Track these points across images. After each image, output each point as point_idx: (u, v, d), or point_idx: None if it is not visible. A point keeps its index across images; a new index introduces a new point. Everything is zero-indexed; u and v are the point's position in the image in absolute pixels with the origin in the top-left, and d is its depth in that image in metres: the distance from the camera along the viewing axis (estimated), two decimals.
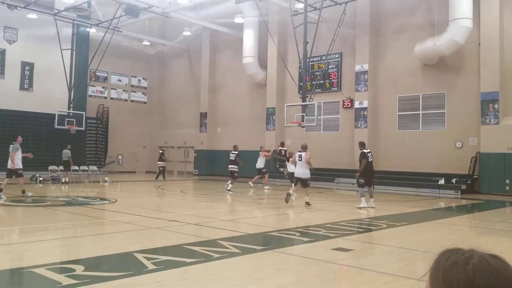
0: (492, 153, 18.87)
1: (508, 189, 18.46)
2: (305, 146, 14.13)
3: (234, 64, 29.43)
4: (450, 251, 1.16)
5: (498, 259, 1.11)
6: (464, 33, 19.12)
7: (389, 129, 22.54)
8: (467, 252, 1.13)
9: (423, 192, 18.98)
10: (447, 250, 1.17)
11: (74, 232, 9.10)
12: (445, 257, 1.14)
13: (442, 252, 1.17)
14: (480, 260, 1.10)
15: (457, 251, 1.14)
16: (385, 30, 23.06)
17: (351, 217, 11.49)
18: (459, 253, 1.14)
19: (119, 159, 33.27)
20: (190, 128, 32.18)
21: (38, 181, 21.44)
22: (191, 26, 30.12)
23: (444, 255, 1.16)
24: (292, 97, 25.34)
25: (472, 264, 1.09)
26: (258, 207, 14.56)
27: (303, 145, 14.22)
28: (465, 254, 1.13)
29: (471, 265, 1.09)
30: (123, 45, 32.48)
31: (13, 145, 14.56)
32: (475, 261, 1.09)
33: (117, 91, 33.60)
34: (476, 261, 1.09)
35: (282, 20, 26.33)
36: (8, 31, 27.49)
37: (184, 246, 7.20)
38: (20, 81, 28.07)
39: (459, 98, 20.40)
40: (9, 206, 12.73)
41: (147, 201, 15.95)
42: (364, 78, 23.09)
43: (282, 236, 8.50)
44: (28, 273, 5.51)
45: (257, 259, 6.64)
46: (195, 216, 11.54)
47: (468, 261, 1.10)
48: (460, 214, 14.21)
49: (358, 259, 6.74)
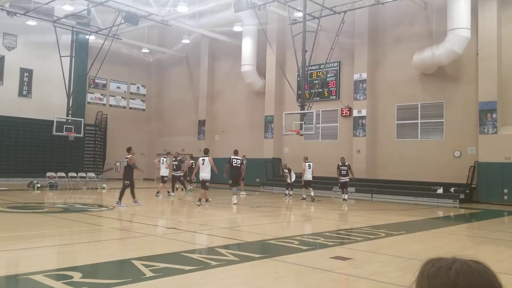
0: (490, 162, 18.89)
1: (506, 198, 18.46)
2: (206, 150, 16.17)
3: (232, 72, 29.50)
4: (433, 260, 1.22)
5: (479, 263, 1.17)
6: (462, 43, 19.21)
7: (388, 138, 22.57)
8: (450, 259, 1.19)
9: (422, 201, 18.97)
10: (431, 259, 1.23)
11: (71, 239, 9.05)
12: (429, 265, 1.20)
13: (426, 261, 1.23)
14: (462, 264, 1.16)
15: (440, 259, 1.21)
16: (383, 40, 23.16)
17: (350, 226, 11.47)
18: (442, 260, 1.20)
19: (117, 166, 33.18)
20: (189, 135, 32.18)
21: (35, 188, 21.37)
22: (190, 34, 30.22)
23: (428, 263, 1.22)
24: (290, 106, 25.38)
25: (455, 269, 1.15)
26: (255, 215, 14.51)
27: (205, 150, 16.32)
28: (448, 260, 1.19)
29: (454, 270, 1.14)
30: (122, 52, 32.54)
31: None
32: (458, 265, 1.15)
33: (116, 98, 33.62)
34: (458, 266, 1.15)
35: (281, 29, 26.43)
36: (7, 38, 27.53)
37: (182, 254, 7.16)
38: (19, 88, 28.05)
39: (457, 107, 20.46)
40: (7, 212, 12.67)
41: (144, 208, 15.89)
42: (363, 87, 23.16)
43: (280, 244, 8.47)
44: (25, 280, 5.47)
45: (255, 267, 6.61)
46: (193, 224, 11.51)
47: (451, 266, 1.16)
48: (458, 223, 14.18)
49: (357, 268, 6.71)
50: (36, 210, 13.78)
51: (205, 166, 15.47)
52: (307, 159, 19.47)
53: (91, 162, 30.97)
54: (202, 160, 15.59)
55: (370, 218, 13.56)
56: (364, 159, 22.88)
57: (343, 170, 18.18)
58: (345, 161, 18.48)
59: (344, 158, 18.72)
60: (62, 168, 24.12)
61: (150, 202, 17.13)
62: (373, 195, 20.66)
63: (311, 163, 19.22)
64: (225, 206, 16.00)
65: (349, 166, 18.40)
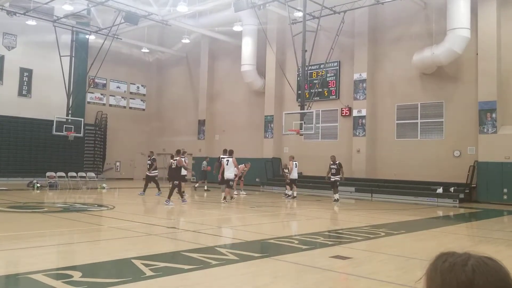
0: (490, 162, 18.90)
1: (506, 198, 18.46)
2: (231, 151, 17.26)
3: (232, 71, 29.49)
4: (446, 254, 1.18)
5: (494, 260, 1.15)
6: (462, 43, 19.22)
7: (388, 138, 22.58)
8: (464, 255, 1.16)
9: (421, 200, 18.97)
10: (444, 253, 1.19)
11: (71, 238, 9.06)
12: (442, 259, 1.17)
13: (438, 255, 1.20)
14: (478, 261, 1.13)
15: (454, 254, 1.17)
16: (383, 39, 23.17)
17: (349, 225, 11.48)
18: (456, 255, 1.16)
19: (117, 166, 33.20)
20: (188, 135, 32.18)
21: (35, 187, 21.37)
22: (190, 34, 30.21)
23: (441, 257, 1.18)
24: (290, 105, 25.39)
25: (471, 265, 1.12)
26: (255, 214, 14.52)
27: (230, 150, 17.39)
28: (462, 256, 1.16)
29: (470, 266, 1.12)
30: (122, 52, 32.53)
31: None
32: (473, 262, 1.13)
33: (115, 98, 33.62)
34: (474, 262, 1.12)
35: (280, 29, 26.42)
36: (7, 37, 27.53)
37: (182, 253, 7.17)
38: (19, 88, 28.04)
39: (457, 107, 20.47)
40: (7, 212, 12.68)
41: (144, 208, 15.91)
42: (363, 87, 23.16)
43: (280, 244, 8.47)
44: (25, 279, 5.48)
45: (255, 266, 6.61)
46: (193, 223, 11.52)
47: (466, 262, 1.13)
48: (458, 223, 14.19)
49: (357, 267, 6.72)
50: (36, 209, 13.78)
51: (229, 166, 16.79)
52: (293, 158, 20.22)
53: (91, 162, 30.97)
54: (227, 160, 16.93)
55: (369, 217, 13.57)
56: (364, 159, 22.89)
57: (333, 169, 18.23)
58: (335, 160, 18.48)
59: (334, 157, 18.68)
60: (62, 168, 24.09)
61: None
62: (373, 194, 20.66)
63: (297, 162, 20.08)
64: (225, 206, 16.00)
65: (339, 165, 18.35)
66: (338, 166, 18.26)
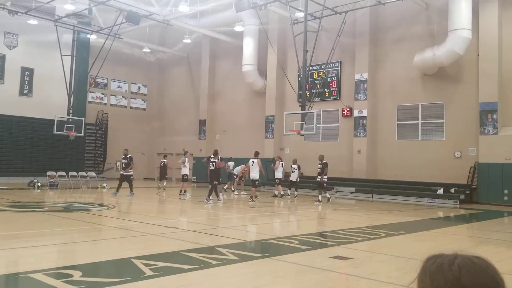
0: (491, 163, 18.89)
1: (506, 199, 18.45)
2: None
3: (233, 72, 29.50)
4: (435, 256, 1.21)
5: (481, 259, 1.17)
6: (463, 44, 19.21)
7: (388, 138, 22.57)
8: (451, 255, 1.18)
9: (422, 201, 18.95)
10: (433, 255, 1.22)
11: (71, 238, 9.07)
12: (431, 261, 1.19)
13: (427, 258, 1.22)
14: (464, 260, 1.15)
15: (442, 255, 1.20)
16: (384, 40, 23.16)
17: (350, 226, 11.47)
18: (444, 256, 1.19)
19: (117, 166, 33.19)
20: (189, 135, 32.19)
21: (36, 187, 21.38)
22: (191, 34, 30.21)
23: (429, 260, 1.21)
24: (291, 105, 25.39)
25: (457, 264, 1.14)
26: (255, 214, 14.52)
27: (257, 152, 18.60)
28: (449, 256, 1.18)
29: (456, 265, 1.14)
30: (123, 52, 32.54)
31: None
32: (460, 261, 1.15)
33: (116, 97, 33.64)
34: (460, 261, 1.15)
35: (282, 29, 26.42)
36: (8, 37, 27.54)
37: (182, 253, 7.17)
38: (20, 87, 28.07)
39: (458, 108, 20.45)
40: (7, 211, 12.68)
41: (145, 208, 15.92)
42: (364, 87, 23.16)
43: (280, 244, 8.47)
44: (25, 278, 5.48)
45: (255, 266, 6.61)
46: (193, 223, 11.52)
47: (453, 262, 1.15)
48: (458, 224, 14.19)
49: (357, 268, 6.72)
50: (36, 209, 13.79)
51: (254, 167, 17.84)
52: (280, 158, 20.87)
53: (91, 161, 30.98)
54: (252, 161, 17.92)
55: (370, 218, 13.56)
56: (364, 159, 22.89)
57: (319, 168, 17.95)
58: (322, 159, 18.03)
59: (322, 156, 18.25)
60: (63, 167, 24.12)
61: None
62: (373, 195, 20.65)
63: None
64: (225, 206, 16.01)
65: (324, 164, 17.80)
66: (323, 165, 17.85)
